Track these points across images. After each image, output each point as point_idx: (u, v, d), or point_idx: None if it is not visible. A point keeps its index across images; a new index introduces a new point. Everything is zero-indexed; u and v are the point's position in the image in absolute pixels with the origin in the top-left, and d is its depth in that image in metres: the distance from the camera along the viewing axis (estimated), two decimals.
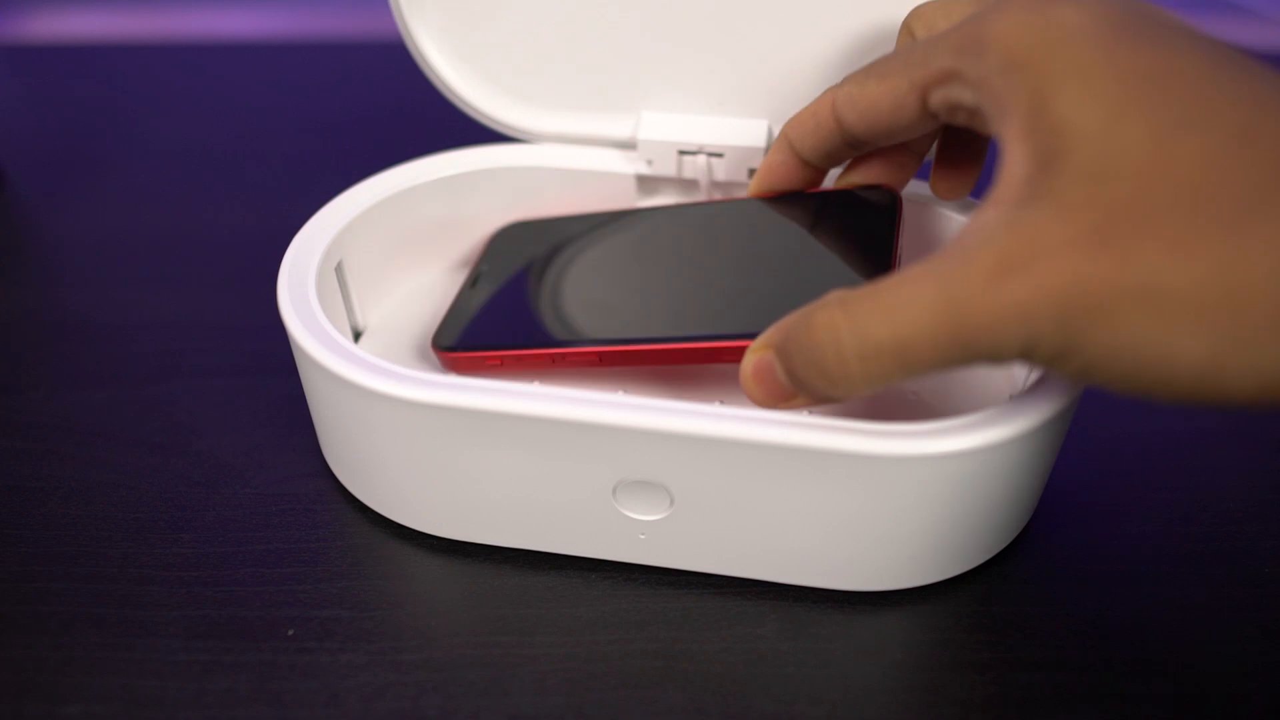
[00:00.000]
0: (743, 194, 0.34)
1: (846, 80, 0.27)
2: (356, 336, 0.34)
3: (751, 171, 0.33)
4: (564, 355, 0.29)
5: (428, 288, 0.36)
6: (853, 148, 0.28)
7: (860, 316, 0.21)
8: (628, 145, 0.35)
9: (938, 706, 0.25)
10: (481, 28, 0.33)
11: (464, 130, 0.36)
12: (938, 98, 0.24)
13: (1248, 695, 0.25)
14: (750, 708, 0.25)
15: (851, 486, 0.24)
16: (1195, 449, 0.32)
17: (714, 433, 0.24)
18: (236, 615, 0.27)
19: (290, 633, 0.27)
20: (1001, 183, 0.21)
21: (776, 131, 0.33)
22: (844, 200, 0.30)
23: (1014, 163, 0.21)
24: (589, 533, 0.27)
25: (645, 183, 0.35)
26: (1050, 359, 0.20)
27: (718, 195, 0.34)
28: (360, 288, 0.33)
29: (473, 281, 0.33)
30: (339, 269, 0.31)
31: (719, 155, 0.33)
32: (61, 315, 0.38)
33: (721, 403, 0.27)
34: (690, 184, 0.34)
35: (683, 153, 0.34)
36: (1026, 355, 0.20)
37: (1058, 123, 0.20)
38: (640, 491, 0.26)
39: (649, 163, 0.34)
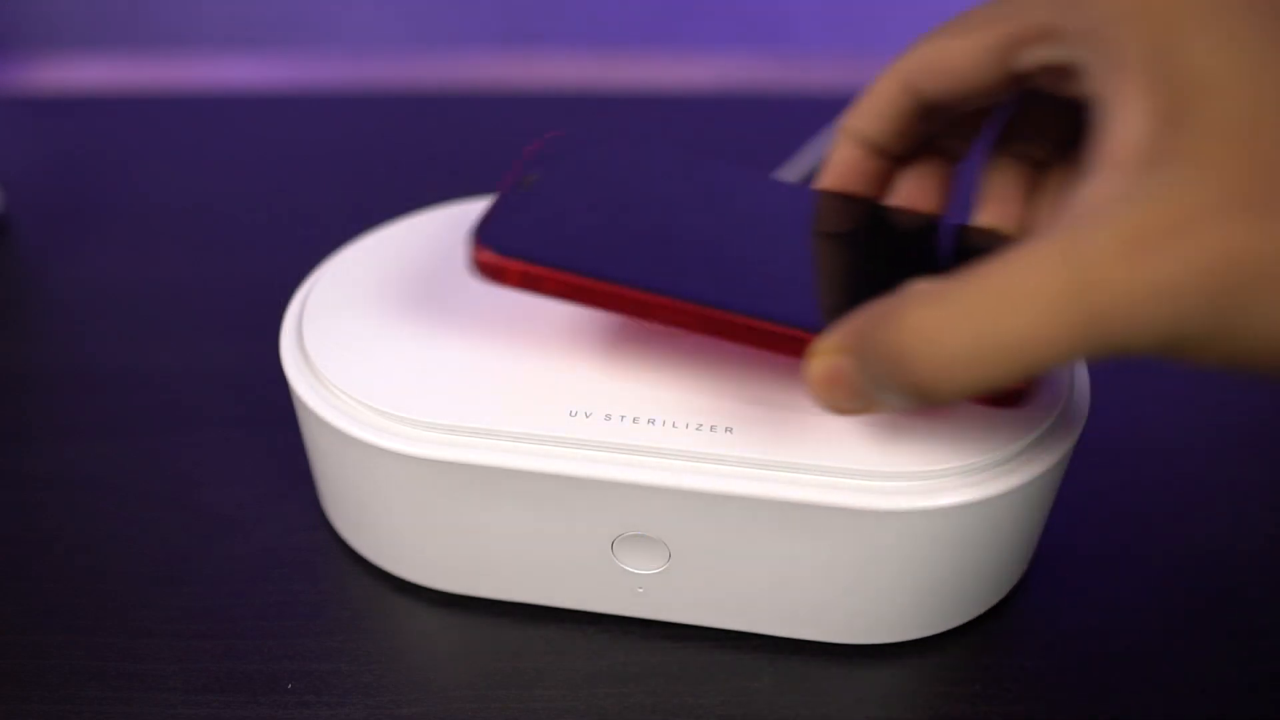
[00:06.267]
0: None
1: (917, 43, 0.24)
2: None
3: None
4: (623, 296, 0.25)
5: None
6: (925, 121, 0.25)
7: (963, 312, 0.19)
8: None
9: None
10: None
11: (470, 182, 0.37)
12: (1029, 57, 0.21)
13: None
14: None
15: (847, 540, 0.25)
16: (1189, 498, 0.32)
17: (710, 488, 0.24)
18: (236, 669, 0.27)
19: (289, 686, 0.27)
20: (1113, 144, 0.19)
21: None
22: (957, 233, 0.27)
23: (1130, 120, 0.18)
24: (587, 587, 0.27)
25: None
26: (1196, 345, 0.18)
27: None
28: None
29: (522, 185, 0.28)
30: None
31: None
32: (64, 366, 0.38)
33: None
34: None
35: None
36: (1167, 343, 0.18)
37: (1188, 71, 0.18)
38: (638, 546, 0.26)
39: None
